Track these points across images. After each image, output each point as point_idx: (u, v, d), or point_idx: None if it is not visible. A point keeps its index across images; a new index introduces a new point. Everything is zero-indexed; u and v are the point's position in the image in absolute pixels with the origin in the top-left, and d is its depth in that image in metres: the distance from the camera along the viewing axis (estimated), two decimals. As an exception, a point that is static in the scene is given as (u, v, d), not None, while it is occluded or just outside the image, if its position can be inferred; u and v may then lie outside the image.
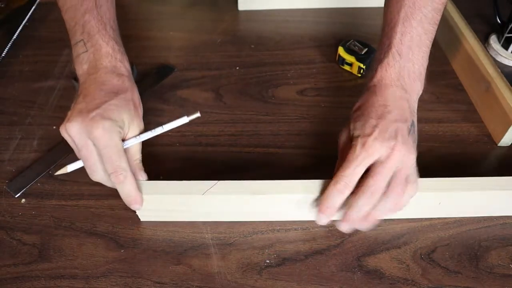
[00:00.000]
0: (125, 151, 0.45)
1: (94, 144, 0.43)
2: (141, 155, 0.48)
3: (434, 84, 0.66)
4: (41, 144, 0.58)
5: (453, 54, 0.69)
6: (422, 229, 0.49)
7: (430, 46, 0.48)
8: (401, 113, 0.45)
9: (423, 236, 0.49)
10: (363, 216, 0.43)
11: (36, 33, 0.76)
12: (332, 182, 0.43)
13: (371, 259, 0.47)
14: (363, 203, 0.42)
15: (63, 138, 0.45)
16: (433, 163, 0.56)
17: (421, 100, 0.49)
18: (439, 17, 0.49)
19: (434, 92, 0.65)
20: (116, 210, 0.51)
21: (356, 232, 0.49)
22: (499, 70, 0.59)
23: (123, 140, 0.46)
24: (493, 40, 0.69)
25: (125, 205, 0.46)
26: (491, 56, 0.65)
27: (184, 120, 0.48)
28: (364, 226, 0.44)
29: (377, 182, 0.42)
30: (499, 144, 0.58)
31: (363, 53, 0.67)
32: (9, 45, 0.72)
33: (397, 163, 0.42)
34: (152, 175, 0.51)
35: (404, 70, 0.47)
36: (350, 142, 0.45)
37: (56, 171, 0.48)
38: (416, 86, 0.48)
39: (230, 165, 0.56)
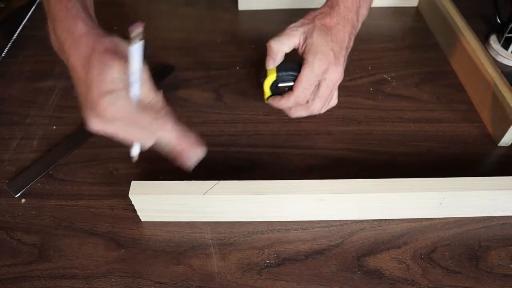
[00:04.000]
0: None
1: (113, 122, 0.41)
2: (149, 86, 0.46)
3: (434, 84, 0.66)
4: (41, 144, 0.58)
5: (453, 54, 0.69)
6: (422, 229, 0.49)
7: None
8: (348, 37, 0.52)
9: (423, 236, 0.49)
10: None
11: (36, 33, 0.76)
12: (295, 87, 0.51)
13: (371, 259, 0.47)
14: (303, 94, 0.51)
15: (62, 137, 0.45)
16: (433, 163, 0.56)
17: (421, 100, 0.49)
18: None
19: (434, 92, 0.65)
20: (116, 210, 0.51)
21: (356, 232, 0.49)
22: (499, 70, 0.59)
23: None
24: (493, 40, 0.69)
25: (125, 205, 0.46)
26: (491, 56, 0.65)
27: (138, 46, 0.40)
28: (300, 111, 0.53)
29: (323, 93, 0.52)
30: (499, 144, 0.58)
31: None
32: (9, 45, 0.72)
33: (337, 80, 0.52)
34: (152, 175, 0.51)
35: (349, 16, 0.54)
36: (302, 42, 0.52)
37: (56, 171, 0.47)
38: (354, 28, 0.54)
39: (230, 165, 0.56)
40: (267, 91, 0.53)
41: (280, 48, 0.52)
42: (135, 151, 0.46)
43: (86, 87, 0.42)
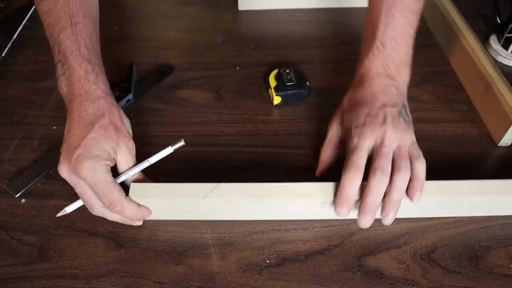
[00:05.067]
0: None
1: (85, 183, 0.44)
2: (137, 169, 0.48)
3: (434, 84, 0.66)
4: (41, 144, 0.58)
5: (453, 54, 0.69)
6: (422, 229, 0.49)
7: (413, 34, 0.51)
8: (389, 99, 0.48)
9: (423, 236, 0.49)
10: (380, 202, 0.45)
11: (36, 33, 0.76)
12: (343, 173, 0.45)
13: (371, 259, 0.47)
14: (377, 185, 0.44)
15: (62, 137, 0.46)
16: (433, 163, 0.55)
17: (421, 100, 0.49)
18: (420, 6, 0.51)
19: (434, 92, 0.65)
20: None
21: (356, 232, 0.49)
22: (499, 70, 0.59)
23: (116, 172, 0.47)
24: (493, 40, 0.69)
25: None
26: (491, 56, 0.65)
27: (169, 150, 0.48)
28: (387, 214, 0.45)
29: (381, 162, 0.44)
30: (499, 144, 0.58)
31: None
32: (9, 45, 0.72)
33: (392, 143, 0.45)
34: (153, 176, 0.51)
35: (389, 60, 0.49)
36: (343, 132, 0.50)
37: (56, 171, 0.48)
38: (403, 73, 0.50)
39: (230, 165, 0.56)
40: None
41: (327, 160, 0.52)
42: (70, 209, 0.48)
43: (78, 138, 0.45)
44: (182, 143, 0.48)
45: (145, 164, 0.48)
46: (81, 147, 0.44)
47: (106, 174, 0.44)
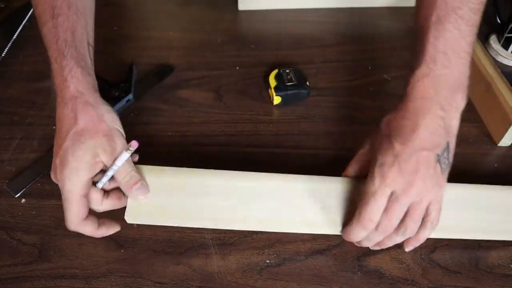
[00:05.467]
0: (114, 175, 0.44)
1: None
2: (131, 168, 0.44)
3: (434, 84, 0.66)
4: (41, 144, 0.58)
5: (453, 54, 0.69)
6: (422, 229, 0.49)
7: (471, 52, 0.42)
8: (431, 138, 0.41)
9: (423, 236, 0.49)
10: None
11: (36, 33, 0.75)
12: (356, 218, 0.42)
13: (371, 259, 0.47)
14: (375, 237, 0.43)
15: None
16: (433, 163, 0.56)
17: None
18: (478, 18, 0.42)
19: (434, 92, 0.65)
20: (115, 210, 0.51)
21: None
22: (499, 70, 0.59)
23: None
24: (493, 40, 0.69)
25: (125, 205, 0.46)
26: (491, 56, 0.65)
27: (126, 155, 0.43)
28: (374, 246, 0.45)
29: (390, 220, 0.41)
30: (499, 144, 0.58)
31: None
32: (9, 45, 0.72)
33: (413, 198, 0.41)
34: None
35: (441, 80, 0.41)
36: (372, 155, 0.44)
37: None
38: (456, 100, 0.41)
39: (230, 165, 0.56)
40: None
41: (350, 175, 0.48)
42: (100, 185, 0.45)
43: (57, 146, 0.43)
44: (135, 145, 0.42)
45: (110, 172, 0.43)
46: (58, 157, 0.42)
47: (75, 187, 0.42)
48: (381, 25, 0.78)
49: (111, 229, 0.45)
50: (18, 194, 0.52)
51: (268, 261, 0.47)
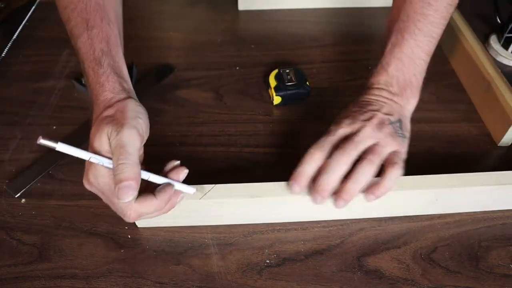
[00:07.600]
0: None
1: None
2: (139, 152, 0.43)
3: (434, 84, 0.66)
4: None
5: (453, 54, 0.69)
6: (422, 229, 0.49)
7: (426, 58, 0.49)
8: (383, 108, 0.46)
9: (423, 236, 0.49)
10: (335, 186, 0.42)
11: (36, 33, 0.76)
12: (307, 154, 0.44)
13: (371, 259, 0.47)
14: (332, 164, 0.42)
15: (62, 137, 0.45)
16: (433, 163, 0.56)
17: (421, 100, 0.49)
18: (438, 30, 0.49)
19: (434, 92, 0.65)
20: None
21: (356, 232, 0.49)
22: (499, 70, 0.59)
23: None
24: (493, 40, 0.69)
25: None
26: (491, 56, 0.65)
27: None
28: (336, 199, 0.43)
29: (344, 144, 0.43)
30: (499, 144, 0.58)
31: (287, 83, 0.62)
32: (9, 45, 0.72)
33: (368, 138, 0.43)
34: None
35: (393, 79, 0.48)
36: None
37: (56, 171, 0.47)
38: (406, 94, 0.48)
39: (230, 165, 0.56)
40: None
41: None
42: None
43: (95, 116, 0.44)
44: (55, 145, 0.40)
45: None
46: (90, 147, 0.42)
47: (103, 177, 0.41)
48: (381, 25, 0.78)
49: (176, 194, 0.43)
50: (18, 194, 0.52)
51: (268, 261, 0.47)
